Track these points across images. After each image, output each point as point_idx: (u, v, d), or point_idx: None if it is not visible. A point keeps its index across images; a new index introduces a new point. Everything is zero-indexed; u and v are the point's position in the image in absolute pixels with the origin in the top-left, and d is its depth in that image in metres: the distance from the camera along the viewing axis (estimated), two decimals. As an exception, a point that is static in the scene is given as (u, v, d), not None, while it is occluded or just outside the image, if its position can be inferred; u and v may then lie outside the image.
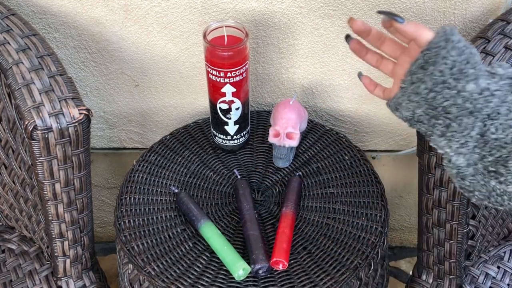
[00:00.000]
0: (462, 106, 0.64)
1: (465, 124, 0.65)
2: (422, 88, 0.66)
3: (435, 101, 0.66)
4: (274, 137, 1.04)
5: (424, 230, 0.98)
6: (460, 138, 0.65)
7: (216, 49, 0.96)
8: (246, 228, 0.94)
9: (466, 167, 0.66)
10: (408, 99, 0.68)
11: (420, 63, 0.66)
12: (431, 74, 0.65)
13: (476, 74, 0.63)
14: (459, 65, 0.64)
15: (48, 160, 0.87)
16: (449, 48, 0.64)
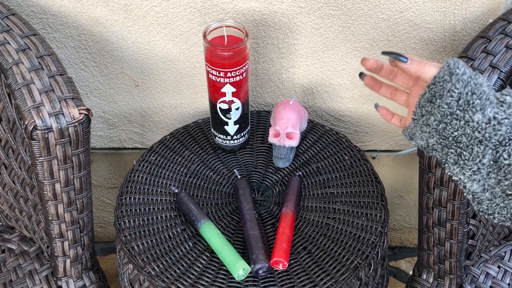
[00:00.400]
0: (472, 136, 0.66)
1: (476, 153, 0.67)
2: (432, 120, 0.69)
3: (445, 132, 0.68)
4: (274, 137, 1.04)
5: (425, 229, 0.98)
6: (472, 165, 0.68)
7: (216, 49, 0.96)
8: (246, 228, 0.94)
9: (481, 193, 0.69)
10: (420, 130, 0.71)
11: (428, 97, 0.69)
12: (439, 107, 0.68)
13: (482, 104, 0.66)
14: (465, 97, 0.66)
15: (48, 160, 0.87)
16: (454, 81, 0.66)
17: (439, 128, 0.69)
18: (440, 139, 0.69)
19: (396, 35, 1.11)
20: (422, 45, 1.13)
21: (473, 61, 0.91)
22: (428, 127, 0.70)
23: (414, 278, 1.04)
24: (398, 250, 1.59)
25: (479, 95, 0.66)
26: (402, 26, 1.10)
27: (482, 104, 0.66)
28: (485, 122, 0.65)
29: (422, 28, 1.10)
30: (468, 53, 0.93)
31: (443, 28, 1.10)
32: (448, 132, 0.68)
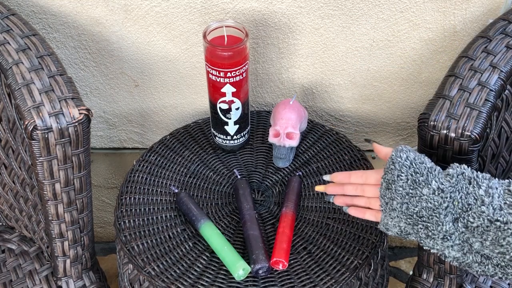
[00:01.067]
0: (427, 207, 0.76)
1: (436, 221, 0.75)
2: (395, 204, 0.79)
3: (408, 211, 0.78)
4: (274, 137, 1.04)
5: (424, 230, 0.97)
6: (438, 234, 0.76)
7: (216, 49, 0.96)
8: (246, 228, 0.94)
9: (463, 257, 0.76)
10: (390, 217, 0.80)
11: (385, 186, 0.80)
12: (395, 191, 0.78)
13: (425, 179, 0.76)
14: (411, 177, 0.77)
15: (48, 160, 0.87)
16: (398, 167, 0.78)
17: (403, 209, 0.78)
18: (407, 220, 0.78)
19: (396, 35, 1.11)
20: (422, 45, 1.13)
21: (473, 61, 0.92)
22: (395, 212, 0.79)
23: (414, 278, 1.04)
24: (398, 250, 1.59)
25: (421, 172, 0.77)
26: (402, 26, 1.10)
27: (425, 179, 0.76)
28: (431, 193, 0.75)
29: (422, 28, 1.10)
30: (468, 53, 0.93)
31: (443, 28, 1.10)
32: (411, 210, 0.77)
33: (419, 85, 1.19)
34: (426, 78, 1.18)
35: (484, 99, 0.87)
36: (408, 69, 1.17)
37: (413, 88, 1.20)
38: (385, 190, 0.80)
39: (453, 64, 0.93)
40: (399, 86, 1.20)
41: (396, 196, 0.78)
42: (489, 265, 0.74)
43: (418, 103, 1.22)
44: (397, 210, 0.79)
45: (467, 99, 0.87)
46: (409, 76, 1.18)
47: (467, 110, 0.86)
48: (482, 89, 0.88)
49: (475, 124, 0.84)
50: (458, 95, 0.88)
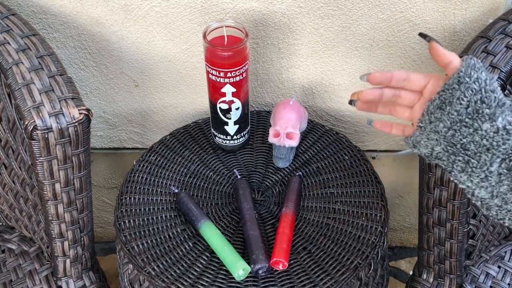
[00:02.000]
0: (480, 143, 0.66)
1: (484, 160, 0.67)
2: (441, 127, 0.69)
3: (454, 138, 0.68)
4: (274, 137, 1.04)
5: (425, 229, 0.98)
6: (479, 173, 0.67)
7: (216, 49, 0.96)
8: (246, 228, 0.94)
9: (490, 199, 0.68)
10: (427, 137, 0.71)
11: (437, 104, 0.69)
12: (448, 113, 0.68)
13: (492, 113, 0.65)
14: (474, 105, 0.66)
15: (48, 160, 0.87)
16: (463, 89, 0.67)
17: (447, 135, 0.69)
18: (447, 146, 0.69)
19: (396, 35, 1.11)
20: (422, 45, 1.13)
21: (473, 61, 0.91)
22: (436, 134, 0.70)
23: (414, 278, 1.04)
24: (398, 250, 1.59)
25: (488, 103, 0.66)
26: (402, 26, 1.10)
27: (492, 113, 0.65)
28: (493, 131, 0.65)
29: (422, 28, 1.10)
30: (468, 53, 0.93)
31: (443, 28, 1.10)
32: (457, 139, 0.68)
33: (419, 85, 1.19)
34: (426, 78, 1.18)
35: (484, 99, 0.87)
36: (408, 69, 1.17)
37: (413, 88, 1.20)
38: (436, 108, 0.69)
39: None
40: (399, 86, 1.19)
41: (446, 119, 0.68)
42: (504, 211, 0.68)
43: (418, 103, 1.22)
44: (440, 133, 0.69)
45: (467, 99, 0.87)
46: (409, 76, 1.18)
47: (467, 110, 0.86)
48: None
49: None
50: (458, 95, 0.88)
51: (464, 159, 0.68)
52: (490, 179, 0.67)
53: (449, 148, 0.69)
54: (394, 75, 0.73)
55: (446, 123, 0.68)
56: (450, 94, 0.68)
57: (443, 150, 0.70)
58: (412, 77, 0.73)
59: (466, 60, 0.68)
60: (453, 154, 0.69)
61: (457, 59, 0.69)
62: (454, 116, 0.67)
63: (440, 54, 0.70)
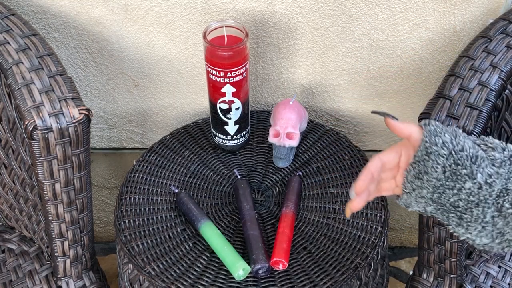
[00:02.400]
0: (468, 200, 0.67)
1: (476, 214, 0.67)
2: (425, 193, 0.70)
3: (441, 200, 0.69)
4: (274, 137, 1.04)
5: (425, 228, 0.98)
6: (476, 226, 0.68)
7: (216, 49, 0.96)
8: (246, 228, 0.94)
9: (491, 243, 0.69)
10: (415, 200, 0.72)
11: (414, 174, 0.70)
12: (427, 181, 0.69)
13: (470, 172, 0.66)
14: (450, 169, 0.67)
15: (48, 160, 0.87)
16: (433, 158, 0.67)
17: (434, 197, 0.69)
18: (437, 206, 0.70)
19: (396, 35, 1.11)
20: (422, 45, 1.13)
21: (473, 61, 0.92)
22: (423, 199, 0.70)
23: (415, 278, 1.04)
24: (398, 250, 1.59)
25: (463, 164, 0.66)
26: (402, 26, 1.10)
27: (470, 172, 0.66)
28: (477, 188, 0.66)
29: (422, 28, 1.10)
30: (468, 53, 0.93)
31: (443, 28, 1.10)
32: (444, 200, 0.69)
33: (419, 85, 1.19)
34: (426, 78, 1.18)
35: (484, 99, 0.87)
36: (408, 69, 1.17)
37: (413, 88, 1.20)
38: (414, 178, 0.70)
39: (454, 64, 0.93)
40: (399, 86, 1.20)
41: (427, 186, 0.69)
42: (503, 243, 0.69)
43: (418, 103, 1.22)
44: (425, 198, 0.70)
45: (467, 99, 0.87)
46: (409, 76, 1.18)
47: (467, 110, 0.86)
48: (483, 88, 0.88)
49: (476, 124, 0.84)
50: (459, 94, 0.88)
51: (457, 215, 0.69)
52: (487, 228, 0.68)
53: (439, 207, 0.70)
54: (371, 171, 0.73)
55: (428, 189, 0.69)
56: (423, 165, 0.68)
57: (435, 210, 0.71)
58: (385, 160, 0.73)
59: (425, 127, 0.68)
60: (446, 212, 0.70)
61: (416, 130, 0.70)
62: (434, 182, 0.68)
63: (398, 129, 0.71)
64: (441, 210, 0.70)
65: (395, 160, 0.73)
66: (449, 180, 0.67)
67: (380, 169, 0.74)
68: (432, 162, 0.67)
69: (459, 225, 0.70)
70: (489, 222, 0.67)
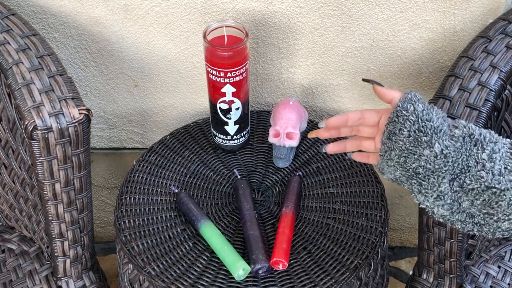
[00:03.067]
0: (426, 167, 0.73)
1: (432, 182, 0.73)
2: (393, 155, 0.77)
3: (406, 164, 0.76)
4: (274, 137, 1.04)
5: (425, 229, 0.98)
6: (432, 193, 0.74)
7: (216, 49, 0.96)
8: (246, 228, 0.94)
9: (450, 215, 0.74)
10: (386, 164, 0.79)
11: (386, 135, 0.77)
12: (395, 143, 0.76)
13: (429, 140, 0.72)
14: (414, 134, 0.74)
15: (48, 160, 0.87)
16: (402, 121, 0.74)
17: (400, 161, 0.76)
18: (403, 171, 0.76)
19: (396, 35, 1.11)
20: (422, 45, 1.13)
21: (473, 61, 0.92)
22: (392, 161, 0.77)
23: (414, 278, 1.04)
24: (398, 250, 1.59)
25: (425, 131, 0.73)
26: (402, 26, 1.10)
27: (429, 140, 0.72)
28: (433, 156, 0.72)
29: (422, 28, 1.10)
30: (468, 53, 0.93)
31: (443, 28, 1.10)
32: (408, 164, 0.75)
33: (419, 85, 1.19)
34: (426, 78, 1.18)
35: (484, 99, 0.87)
36: (408, 69, 1.17)
37: (413, 88, 1.20)
38: (386, 139, 0.77)
39: (453, 64, 0.93)
40: (399, 86, 1.20)
41: (395, 147, 0.76)
42: (470, 224, 0.74)
43: (418, 103, 1.22)
44: (394, 161, 0.77)
45: (467, 99, 0.87)
46: (409, 76, 1.18)
47: (467, 110, 0.86)
48: (482, 89, 0.88)
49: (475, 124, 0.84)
50: (458, 95, 0.88)
51: (417, 182, 0.75)
52: (443, 198, 0.73)
53: (404, 173, 0.76)
54: (349, 117, 0.83)
55: (396, 152, 0.76)
56: (393, 126, 0.76)
57: (401, 175, 0.77)
58: (366, 115, 0.82)
59: (405, 95, 0.76)
60: (409, 178, 0.76)
61: (398, 96, 0.77)
62: (400, 145, 0.75)
63: (383, 94, 0.80)
64: (406, 177, 0.76)
65: (375, 119, 0.81)
66: (412, 145, 0.74)
67: (358, 121, 0.82)
68: (400, 124, 0.75)
69: (419, 192, 0.75)
70: (445, 192, 0.73)
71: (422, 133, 0.73)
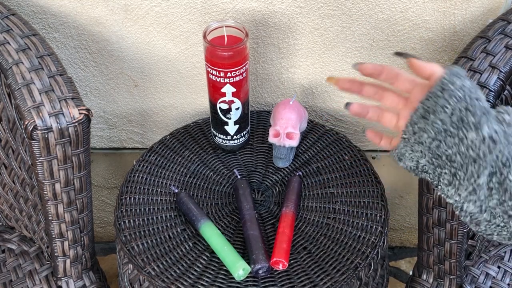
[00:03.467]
0: (466, 154, 0.63)
1: (471, 172, 0.64)
2: (425, 137, 0.66)
3: (439, 150, 0.65)
4: (274, 137, 1.04)
5: (425, 229, 0.98)
6: (467, 185, 0.65)
7: (216, 49, 0.96)
8: (246, 228, 0.94)
9: (479, 213, 0.66)
10: (411, 149, 0.68)
11: (421, 113, 0.66)
12: (432, 123, 0.65)
13: (477, 121, 0.63)
14: (459, 113, 0.63)
15: (48, 160, 0.87)
16: (447, 96, 0.64)
17: (432, 146, 0.66)
18: (432, 159, 0.67)
19: (396, 35, 1.11)
20: (422, 45, 1.13)
21: (472, 61, 0.92)
22: (421, 146, 0.67)
23: (414, 279, 1.04)
24: (398, 250, 1.59)
25: (473, 111, 0.63)
26: (402, 26, 1.10)
27: (477, 122, 0.63)
28: (479, 141, 0.63)
29: (422, 28, 1.10)
30: (467, 53, 0.93)
31: (443, 28, 1.10)
32: (442, 150, 0.65)
33: (419, 85, 1.19)
34: (426, 78, 1.18)
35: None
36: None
37: (413, 88, 1.20)
38: (419, 118, 0.66)
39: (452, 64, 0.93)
40: (399, 86, 1.20)
41: (429, 129, 0.65)
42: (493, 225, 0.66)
43: (418, 103, 1.22)
44: (424, 145, 0.66)
45: (467, 99, 0.87)
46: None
47: (467, 110, 0.86)
48: (482, 89, 0.88)
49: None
50: (458, 95, 0.88)
51: (450, 172, 0.65)
52: (478, 192, 0.65)
53: (434, 160, 0.67)
54: (385, 69, 0.72)
55: (430, 133, 0.65)
56: (434, 102, 0.65)
57: (428, 163, 0.67)
58: (402, 77, 0.71)
59: (450, 68, 0.66)
60: (439, 167, 0.66)
61: (440, 69, 0.67)
62: (438, 125, 0.64)
63: (421, 67, 0.69)
64: (435, 165, 0.67)
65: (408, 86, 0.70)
66: (454, 126, 0.63)
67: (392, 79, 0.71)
68: (444, 100, 0.64)
69: (450, 184, 0.66)
70: (482, 186, 0.64)
71: (469, 112, 0.62)
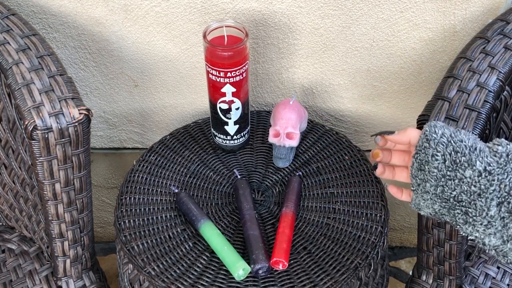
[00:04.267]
0: (470, 191, 0.67)
1: (480, 207, 0.67)
2: (429, 186, 0.71)
3: (444, 194, 0.70)
4: (274, 137, 1.04)
5: (424, 230, 0.98)
6: (481, 220, 0.67)
7: (216, 49, 0.96)
8: (246, 228, 0.94)
9: (503, 245, 0.68)
10: (422, 198, 0.73)
11: (416, 166, 0.72)
12: (429, 173, 0.70)
13: (469, 159, 0.67)
14: (450, 157, 0.68)
15: (48, 160, 0.87)
16: (433, 145, 0.69)
17: (437, 192, 0.70)
18: (442, 203, 0.71)
19: (396, 35, 1.11)
20: (422, 45, 1.13)
21: (471, 62, 0.92)
22: (428, 194, 0.71)
23: (414, 279, 1.04)
24: (398, 250, 1.59)
25: (462, 152, 0.68)
26: (402, 26, 1.10)
27: (469, 159, 0.67)
28: (477, 175, 0.66)
29: (422, 28, 1.10)
30: (466, 54, 0.93)
31: (443, 28, 1.10)
32: (447, 193, 0.69)
33: (419, 85, 1.19)
34: (426, 78, 1.18)
35: (483, 100, 0.87)
36: (408, 69, 1.17)
37: (413, 88, 1.20)
38: (417, 171, 0.72)
39: (452, 65, 0.93)
40: (399, 86, 1.20)
41: (429, 178, 0.70)
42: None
43: (418, 103, 1.22)
44: (430, 193, 0.71)
45: (466, 101, 0.87)
46: (409, 76, 1.18)
47: (466, 111, 0.86)
48: (481, 90, 0.88)
49: (474, 126, 0.84)
50: (457, 96, 0.88)
51: (462, 211, 0.69)
52: (494, 223, 0.67)
53: (444, 204, 0.71)
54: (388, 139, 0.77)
55: (431, 182, 0.70)
56: (424, 154, 0.70)
57: (441, 207, 0.71)
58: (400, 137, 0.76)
59: (428, 123, 0.71)
60: (451, 209, 0.70)
61: (415, 130, 0.73)
62: (435, 173, 0.69)
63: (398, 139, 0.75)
64: (447, 208, 0.70)
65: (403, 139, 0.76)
66: (450, 170, 0.68)
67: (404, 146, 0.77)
68: (432, 149, 0.69)
69: (465, 222, 0.69)
70: (495, 217, 0.67)
71: (459, 153, 0.68)
